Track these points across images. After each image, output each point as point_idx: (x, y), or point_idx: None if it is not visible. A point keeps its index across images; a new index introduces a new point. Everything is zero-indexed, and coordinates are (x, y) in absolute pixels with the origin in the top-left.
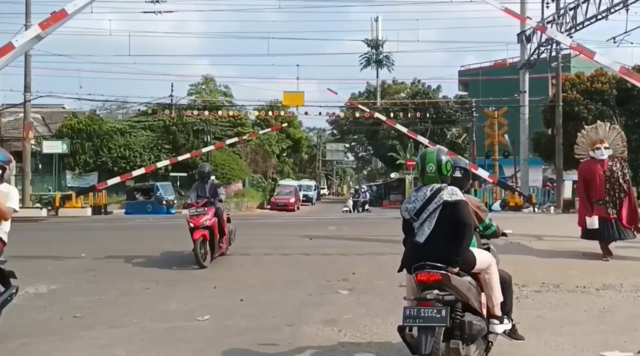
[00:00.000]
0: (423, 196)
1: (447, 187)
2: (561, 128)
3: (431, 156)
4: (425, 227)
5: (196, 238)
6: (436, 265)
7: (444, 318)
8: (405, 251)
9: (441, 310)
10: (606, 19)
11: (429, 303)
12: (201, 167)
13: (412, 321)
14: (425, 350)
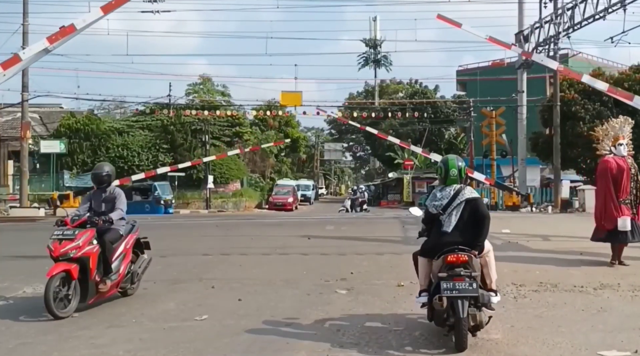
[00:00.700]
0: (448, 194)
1: (466, 187)
2: (559, 128)
3: (453, 163)
4: (451, 219)
5: (52, 275)
6: (464, 249)
7: (475, 289)
8: (429, 239)
9: (472, 283)
10: (604, 18)
11: (461, 279)
12: (96, 168)
13: (450, 293)
14: (462, 314)
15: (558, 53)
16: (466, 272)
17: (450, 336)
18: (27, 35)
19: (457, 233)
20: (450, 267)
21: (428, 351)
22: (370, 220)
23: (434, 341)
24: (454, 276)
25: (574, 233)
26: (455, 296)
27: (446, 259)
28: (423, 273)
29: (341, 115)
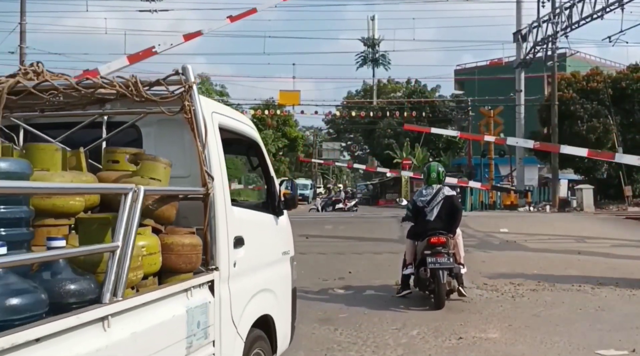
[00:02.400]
0: (431, 192)
1: (444, 186)
2: (557, 127)
3: (434, 168)
4: (434, 211)
5: None
6: (443, 233)
7: (451, 262)
8: (415, 226)
9: (450, 258)
10: (601, 18)
11: (441, 255)
12: None
13: (433, 265)
14: (443, 281)
15: (556, 52)
16: (445, 250)
17: (430, 298)
18: (24, 34)
19: (438, 221)
20: (432, 246)
21: (427, 350)
22: (368, 219)
23: (430, 340)
24: (436, 253)
25: (571, 232)
26: (437, 268)
27: (430, 240)
28: (410, 251)
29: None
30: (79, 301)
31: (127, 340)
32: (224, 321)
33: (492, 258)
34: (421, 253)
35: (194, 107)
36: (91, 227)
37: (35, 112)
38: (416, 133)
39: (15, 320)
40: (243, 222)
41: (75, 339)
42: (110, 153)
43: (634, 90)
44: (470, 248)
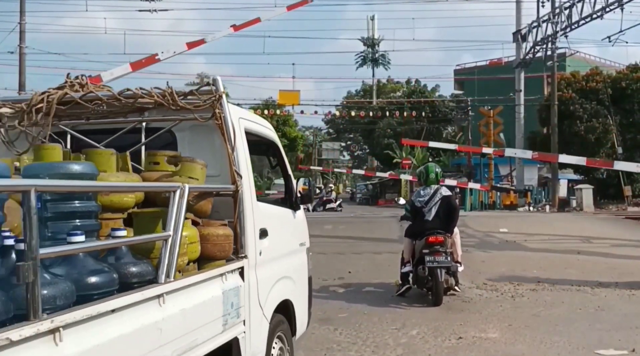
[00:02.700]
0: (429, 193)
1: (442, 186)
2: (556, 127)
3: (432, 169)
4: (432, 211)
5: None
6: (440, 232)
7: (449, 261)
8: (413, 225)
9: (447, 257)
10: (601, 18)
11: (439, 253)
12: None
13: (431, 264)
14: (440, 279)
15: (556, 52)
16: (442, 249)
17: (428, 296)
18: (24, 34)
19: (436, 221)
20: (431, 245)
21: (426, 350)
22: (368, 219)
23: (429, 340)
24: (434, 252)
25: (571, 232)
26: (435, 267)
27: (428, 239)
28: (407, 250)
29: (339, 114)
30: (140, 281)
31: (177, 315)
32: (252, 303)
33: (491, 258)
34: (419, 252)
35: (223, 114)
36: (144, 219)
37: (81, 120)
38: (416, 133)
39: (94, 294)
40: (266, 216)
41: (140, 312)
42: (152, 156)
43: (634, 90)
44: (470, 248)
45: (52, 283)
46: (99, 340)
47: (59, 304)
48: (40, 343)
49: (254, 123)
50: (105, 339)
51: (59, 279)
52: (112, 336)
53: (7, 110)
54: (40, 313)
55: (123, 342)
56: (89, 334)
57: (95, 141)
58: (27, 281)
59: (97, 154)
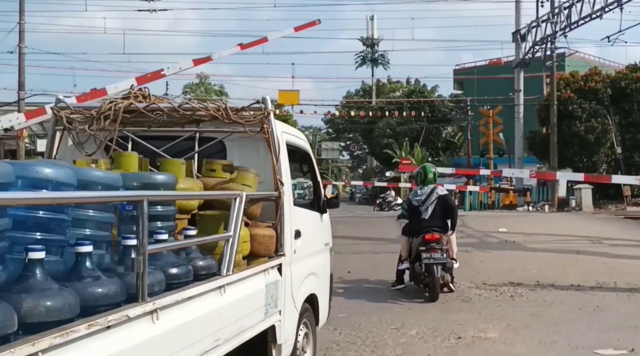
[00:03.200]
0: (426, 192)
1: (438, 186)
2: (556, 127)
3: (429, 169)
4: (429, 210)
5: None
6: (436, 230)
7: (445, 258)
8: (410, 224)
9: (443, 254)
10: (600, 18)
11: (435, 251)
12: None
13: (428, 260)
14: (437, 275)
15: (555, 52)
16: (438, 246)
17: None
18: (23, 34)
19: (433, 219)
20: (427, 242)
21: (426, 350)
22: (366, 219)
23: (429, 340)
24: (430, 249)
25: (570, 232)
26: (431, 263)
27: (424, 237)
28: (405, 247)
29: (338, 114)
30: (206, 274)
31: (234, 303)
32: (287, 295)
33: (491, 258)
34: (416, 249)
35: (271, 129)
36: (209, 221)
37: (143, 127)
38: (415, 133)
39: (175, 284)
40: (300, 218)
41: (208, 299)
42: (209, 164)
43: (633, 89)
44: (470, 248)
45: (151, 273)
46: (181, 320)
47: (155, 290)
48: (144, 321)
49: (293, 136)
50: (185, 320)
51: (154, 270)
52: (190, 318)
53: (78, 116)
54: (146, 297)
55: (196, 323)
56: (175, 315)
57: (155, 146)
58: (139, 271)
59: (170, 163)
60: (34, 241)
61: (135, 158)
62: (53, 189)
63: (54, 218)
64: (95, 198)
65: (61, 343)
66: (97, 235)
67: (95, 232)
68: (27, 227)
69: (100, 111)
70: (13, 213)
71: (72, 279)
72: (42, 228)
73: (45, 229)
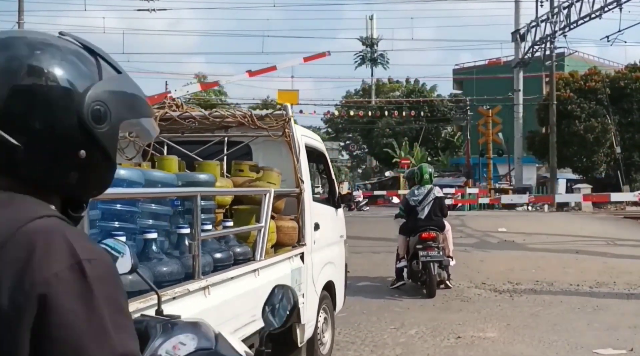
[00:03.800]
0: (423, 192)
1: (435, 187)
2: (555, 126)
3: (425, 169)
4: (425, 210)
5: None
6: (433, 228)
7: (441, 256)
8: (407, 223)
9: (440, 251)
10: (600, 17)
11: (432, 249)
12: None
13: (425, 258)
14: (433, 272)
15: (554, 52)
16: (435, 244)
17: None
18: None
19: (429, 219)
20: (424, 241)
21: (425, 349)
22: (366, 219)
23: (428, 340)
24: (427, 247)
25: (570, 231)
26: (428, 261)
27: (421, 236)
28: (402, 246)
29: (338, 114)
30: (243, 259)
31: (265, 284)
32: (308, 281)
33: (490, 258)
34: (414, 247)
35: (292, 133)
36: (242, 214)
37: (177, 133)
38: (415, 133)
39: (219, 266)
40: (319, 213)
41: (246, 280)
42: (238, 165)
43: (633, 89)
44: (469, 248)
45: (202, 256)
46: (227, 296)
47: (206, 270)
48: (198, 295)
49: (311, 139)
50: (230, 296)
51: (204, 254)
52: (233, 295)
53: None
54: (200, 275)
55: (238, 299)
56: (221, 292)
57: (187, 150)
58: (194, 254)
59: (207, 165)
60: (114, 229)
61: (175, 161)
62: (127, 187)
63: (129, 210)
64: (162, 193)
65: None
66: (158, 225)
67: (157, 222)
68: (108, 217)
69: None
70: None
71: (142, 260)
72: (119, 219)
73: (122, 219)
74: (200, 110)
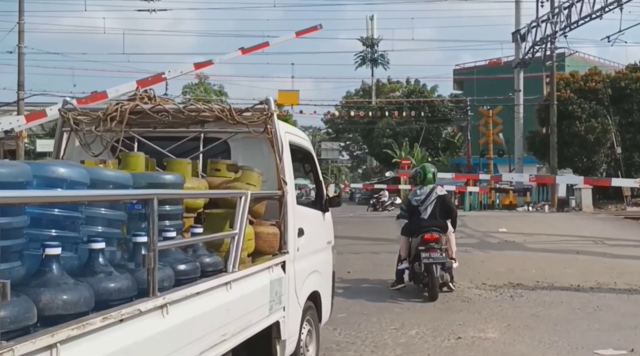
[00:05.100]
0: (425, 192)
1: (438, 186)
2: (555, 127)
3: (428, 169)
4: (428, 210)
5: None
6: (436, 229)
7: (443, 257)
8: (409, 223)
9: (442, 253)
10: (600, 18)
11: (434, 250)
12: None
13: (427, 260)
14: (436, 274)
15: (555, 52)
16: (437, 246)
17: (424, 291)
18: (23, 34)
19: (432, 219)
20: (426, 242)
21: (425, 350)
22: (366, 219)
23: (428, 340)
24: (429, 249)
25: (570, 232)
26: (430, 263)
27: (424, 237)
28: (404, 247)
29: (338, 114)
30: (213, 271)
31: (239, 299)
32: (290, 292)
33: (491, 258)
34: (416, 249)
35: (274, 129)
36: (215, 219)
37: (148, 128)
38: (415, 133)
39: (183, 280)
40: (303, 217)
41: (215, 295)
42: (214, 164)
43: (633, 90)
44: (469, 248)
45: (161, 270)
46: (189, 315)
47: (165, 286)
48: (154, 315)
49: (296, 136)
50: (193, 314)
51: (164, 266)
52: (198, 312)
53: (85, 118)
54: (156, 292)
55: (204, 318)
56: (184, 310)
57: (160, 147)
58: (149, 267)
59: (177, 163)
60: (50, 238)
61: (142, 159)
62: (67, 188)
63: (69, 216)
64: (108, 196)
65: (78, 335)
66: (109, 233)
67: (107, 229)
68: (43, 224)
69: (106, 112)
70: (30, 211)
71: (85, 274)
72: (57, 226)
73: (60, 226)
74: (175, 103)
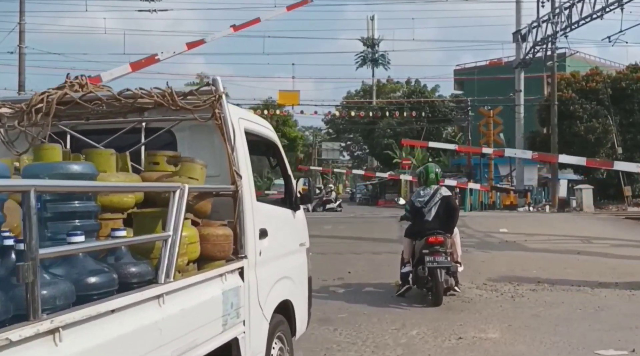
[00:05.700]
0: (429, 193)
1: (442, 187)
2: (556, 127)
3: (431, 169)
4: (432, 211)
5: None
6: (440, 232)
7: (448, 261)
8: (413, 225)
9: (446, 257)
10: (601, 18)
11: (439, 254)
12: None
13: (431, 264)
14: (440, 279)
15: (555, 52)
16: (442, 249)
17: (428, 296)
18: (23, 34)
19: (436, 221)
20: (431, 245)
21: (426, 350)
22: (367, 219)
23: (429, 340)
24: (434, 252)
25: (571, 232)
26: (435, 267)
27: (428, 240)
28: (407, 250)
29: (339, 115)
30: (139, 282)
31: (177, 315)
32: (252, 303)
33: (491, 258)
34: (419, 252)
35: (223, 114)
36: (144, 220)
37: (80, 120)
38: (415, 133)
39: (94, 295)
40: (266, 216)
41: (140, 312)
42: (152, 156)
43: (634, 90)
44: (470, 248)
45: (52, 284)
46: (98, 340)
47: (58, 304)
48: (40, 343)
49: (254, 124)
50: (105, 339)
51: (58, 279)
52: (112, 336)
53: (7, 111)
54: (40, 314)
55: (123, 342)
56: (88, 334)
57: (95, 141)
58: (27, 281)
59: (97, 154)
60: None
61: (59, 151)
62: None
63: None
64: None
65: None
66: None
67: None
68: None
69: (31, 104)
70: None
71: None
72: None
73: None
74: (110, 89)
